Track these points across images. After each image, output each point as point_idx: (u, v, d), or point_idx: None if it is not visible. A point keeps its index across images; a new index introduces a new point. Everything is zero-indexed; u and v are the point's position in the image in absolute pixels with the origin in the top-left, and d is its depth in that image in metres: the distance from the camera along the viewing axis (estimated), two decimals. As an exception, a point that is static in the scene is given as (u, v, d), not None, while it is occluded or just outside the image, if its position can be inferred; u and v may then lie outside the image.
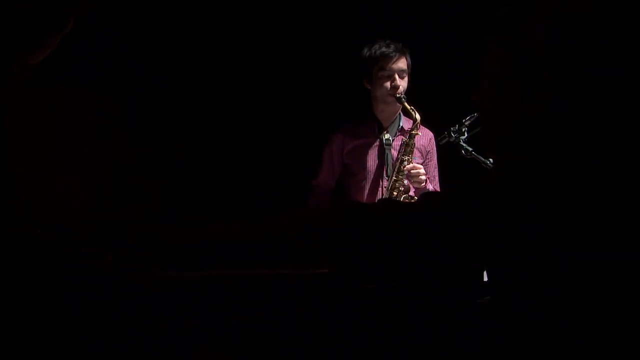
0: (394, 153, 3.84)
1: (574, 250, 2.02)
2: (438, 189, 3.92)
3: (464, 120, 3.58)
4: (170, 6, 4.16)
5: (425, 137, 3.93)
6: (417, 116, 3.77)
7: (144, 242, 2.29)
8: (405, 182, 3.77)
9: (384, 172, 3.85)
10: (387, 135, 3.86)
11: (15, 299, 2.16)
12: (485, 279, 2.29)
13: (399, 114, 3.93)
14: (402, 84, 3.83)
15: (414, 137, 3.80)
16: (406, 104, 3.79)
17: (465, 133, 3.58)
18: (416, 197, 3.74)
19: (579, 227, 2.03)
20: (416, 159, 3.86)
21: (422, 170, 3.78)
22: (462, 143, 3.59)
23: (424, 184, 3.77)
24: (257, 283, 2.21)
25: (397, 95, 3.80)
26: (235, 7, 4.32)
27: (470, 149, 3.56)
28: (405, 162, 3.77)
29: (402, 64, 3.86)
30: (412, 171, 3.77)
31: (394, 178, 3.78)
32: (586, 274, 2.02)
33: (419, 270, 2.18)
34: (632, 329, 1.98)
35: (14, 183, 2.67)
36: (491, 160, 3.33)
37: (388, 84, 3.83)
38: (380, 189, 3.84)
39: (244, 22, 4.38)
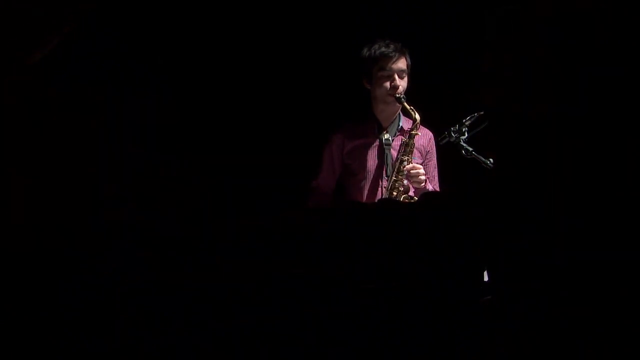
0: (394, 153, 3.83)
1: (574, 250, 2.02)
2: (438, 189, 3.91)
3: (464, 120, 3.57)
4: (170, 6, 4.16)
5: (425, 137, 3.92)
6: (417, 116, 3.76)
7: (144, 242, 2.29)
8: (405, 182, 3.76)
9: (384, 172, 3.84)
10: (386, 135, 3.85)
11: (15, 299, 2.16)
12: (485, 279, 2.28)
13: (399, 114, 3.92)
14: (402, 84, 3.82)
15: (414, 137, 3.79)
16: (406, 104, 3.78)
17: (466, 133, 3.57)
18: (416, 197, 3.73)
19: (579, 227, 2.03)
20: (416, 159, 3.85)
21: (422, 171, 3.77)
22: (462, 143, 3.58)
23: (424, 184, 3.76)
24: (257, 283, 2.21)
25: (397, 95, 3.79)
26: (235, 6, 4.32)
27: (471, 149, 3.55)
28: (405, 162, 3.77)
29: (401, 64, 3.85)
30: (411, 171, 3.76)
31: (394, 178, 3.78)
32: (586, 274, 2.02)
33: (419, 270, 2.18)
34: (632, 329, 1.99)
35: (14, 183, 2.67)
36: (491, 160, 3.33)
37: (388, 84, 3.82)
38: (379, 189, 3.83)
39: (244, 21, 4.37)
